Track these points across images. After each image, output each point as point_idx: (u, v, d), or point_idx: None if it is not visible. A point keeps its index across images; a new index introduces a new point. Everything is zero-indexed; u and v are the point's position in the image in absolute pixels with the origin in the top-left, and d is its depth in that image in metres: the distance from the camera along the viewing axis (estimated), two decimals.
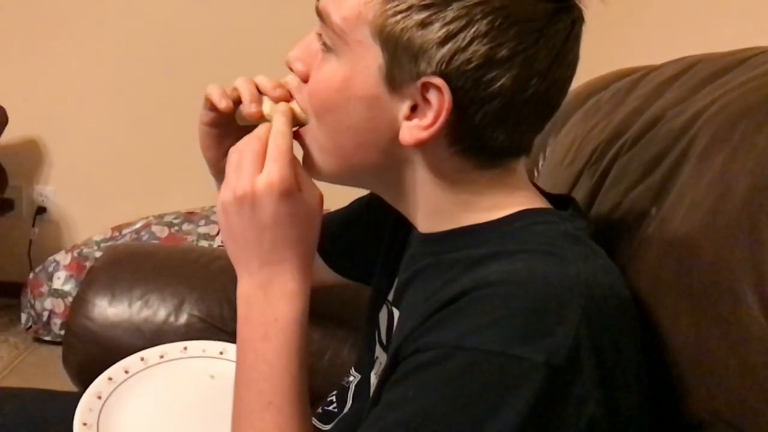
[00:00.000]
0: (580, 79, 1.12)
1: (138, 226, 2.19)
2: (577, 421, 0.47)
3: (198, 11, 2.25)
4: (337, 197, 0.81)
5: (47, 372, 1.92)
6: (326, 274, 0.91)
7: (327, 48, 0.58)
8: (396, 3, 0.53)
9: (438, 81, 0.53)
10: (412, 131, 0.55)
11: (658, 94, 0.79)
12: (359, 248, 0.84)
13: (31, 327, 2.15)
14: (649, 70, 0.89)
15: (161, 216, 2.23)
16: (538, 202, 0.61)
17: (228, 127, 0.71)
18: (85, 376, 0.94)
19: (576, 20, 0.56)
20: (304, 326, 0.61)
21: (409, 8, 0.53)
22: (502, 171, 0.59)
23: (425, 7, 0.52)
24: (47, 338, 2.13)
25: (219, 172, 0.75)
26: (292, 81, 0.64)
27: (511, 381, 0.46)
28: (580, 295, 0.50)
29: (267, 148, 0.59)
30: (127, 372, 0.90)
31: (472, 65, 0.52)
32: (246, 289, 0.61)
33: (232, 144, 0.71)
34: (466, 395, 0.47)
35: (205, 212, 2.21)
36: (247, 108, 0.65)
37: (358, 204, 0.86)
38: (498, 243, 0.56)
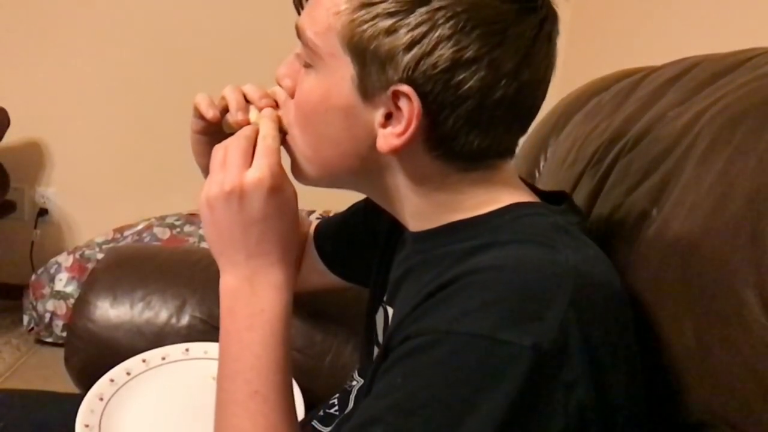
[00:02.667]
0: (581, 81, 1.12)
1: (139, 227, 2.19)
2: (566, 406, 0.47)
3: (200, 14, 2.25)
4: (336, 198, 0.81)
5: (49, 374, 1.92)
6: (328, 278, 0.92)
7: (306, 63, 0.60)
8: (363, 12, 0.54)
9: (406, 88, 0.54)
10: (386, 139, 0.56)
11: (659, 95, 0.79)
12: (358, 251, 0.84)
13: (32, 329, 2.15)
14: (650, 71, 0.89)
15: (163, 218, 2.23)
16: (527, 197, 0.62)
17: (218, 134, 0.73)
18: (86, 378, 0.94)
19: (545, 20, 0.56)
20: (289, 318, 0.62)
21: (375, 17, 0.54)
22: (486, 171, 0.60)
23: (390, 14, 0.53)
24: (49, 340, 2.13)
25: None
26: (280, 93, 0.66)
27: (500, 365, 0.47)
28: (568, 281, 0.50)
29: (254, 146, 0.61)
30: (128, 374, 0.91)
31: (438, 69, 0.53)
32: (231, 282, 0.62)
33: None
34: (454, 379, 0.47)
35: None
36: (234, 116, 0.68)
37: (356, 207, 0.87)
38: (488, 235, 0.57)
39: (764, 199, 0.52)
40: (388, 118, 0.56)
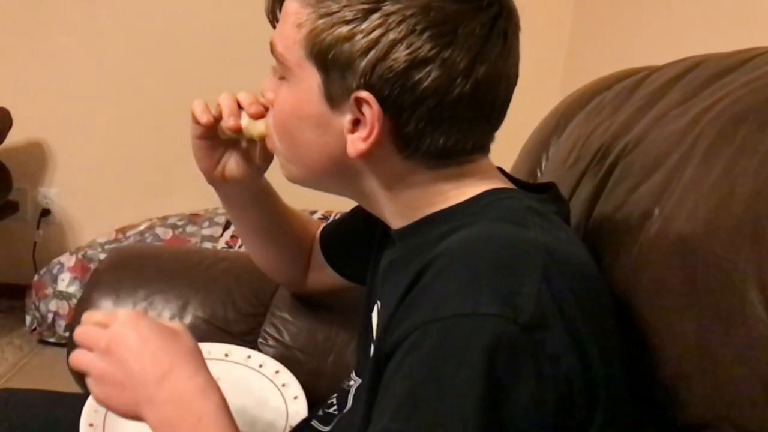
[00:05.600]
0: (583, 80, 1.12)
1: (142, 228, 2.20)
2: (555, 377, 0.48)
3: (202, 16, 2.25)
4: (337, 198, 0.82)
5: (52, 374, 1.92)
6: (332, 279, 0.93)
7: (281, 76, 0.62)
8: (322, 21, 0.56)
9: (365, 94, 0.56)
10: (354, 144, 0.58)
11: (662, 95, 0.79)
12: (359, 251, 0.85)
13: (35, 329, 2.15)
14: (652, 71, 0.89)
15: (165, 218, 2.23)
16: (504, 185, 0.63)
17: (217, 139, 0.78)
18: None
19: (497, 16, 0.57)
20: (228, 411, 0.61)
21: (333, 25, 0.56)
22: (459, 167, 0.61)
23: (347, 22, 0.55)
24: (52, 340, 2.14)
25: (213, 182, 0.82)
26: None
27: (488, 338, 0.47)
28: (538, 256, 0.51)
29: (100, 325, 0.63)
30: None
31: (393, 72, 0.55)
32: (158, 415, 0.60)
33: (223, 154, 0.79)
34: (449, 364, 0.47)
35: (209, 214, 2.21)
36: (226, 122, 0.73)
37: (357, 208, 0.87)
38: (462, 219, 0.58)
39: (766, 199, 0.52)
40: (356, 123, 0.58)
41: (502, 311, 0.48)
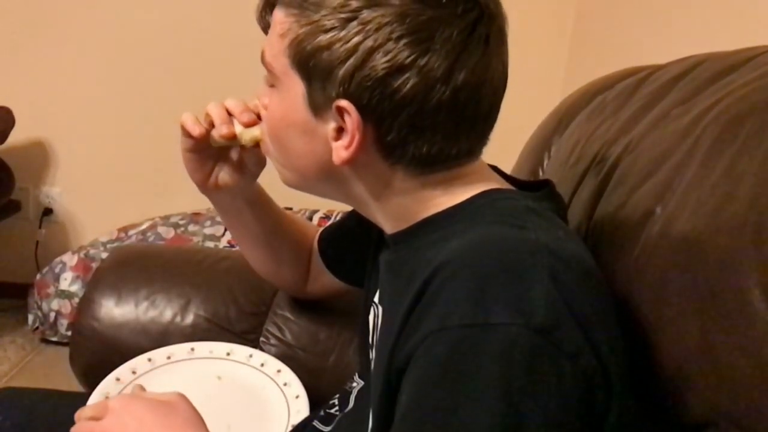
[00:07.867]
0: (585, 79, 1.12)
1: (144, 227, 2.20)
2: (575, 376, 0.48)
3: (205, 15, 2.25)
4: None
5: (54, 373, 1.93)
6: (332, 282, 0.93)
7: (270, 84, 0.63)
8: (304, 30, 0.57)
9: (344, 103, 0.56)
10: (338, 152, 0.59)
11: (663, 94, 0.79)
12: (357, 254, 0.85)
13: (37, 328, 2.15)
14: (654, 70, 0.89)
15: (167, 217, 2.23)
16: (498, 186, 0.63)
17: (208, 150, 0.79)
18: (91, 377, 0.95)
19: (477, 21, 0.56)
20: None
21: (313, 34, 0.56)
22: (449, 172, 0.61)
23: (326, 30, 0.55)
24: (54, 339, 2.14)
25: (207, 192, 0.84)
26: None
27: (501, 347, 0.47)
28: (542, 258, 0.51)
29: (93, 419, 0.62)
30: (134, 372, 0.91)
31: (372, 80, 0.55)
32: None
33: (214, 164, 0.81)
34: (458, 374, 0.47)
35: (211, 213, 2.21)
36: (219, 130, 0.73)
37: (353, 211, 0.87)
38: (459, 222, 0.58)
39: None
40: (340, 131, 0.58)
41: (513, 318, 0.47)
